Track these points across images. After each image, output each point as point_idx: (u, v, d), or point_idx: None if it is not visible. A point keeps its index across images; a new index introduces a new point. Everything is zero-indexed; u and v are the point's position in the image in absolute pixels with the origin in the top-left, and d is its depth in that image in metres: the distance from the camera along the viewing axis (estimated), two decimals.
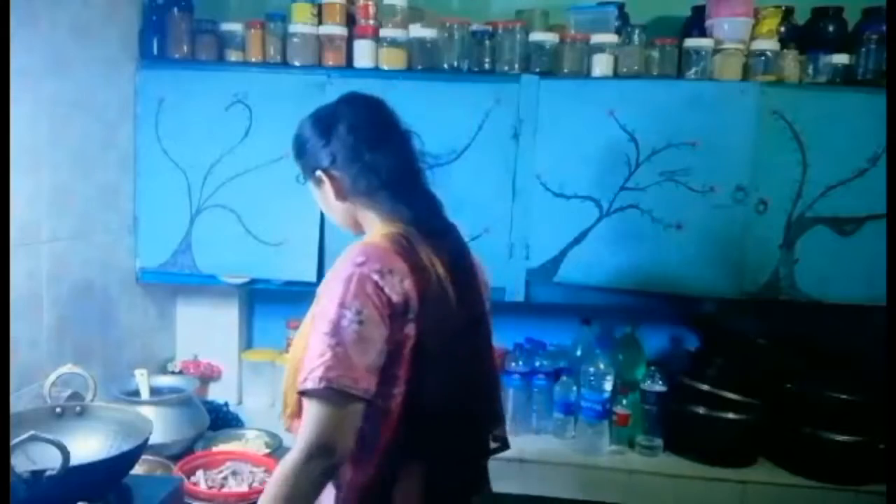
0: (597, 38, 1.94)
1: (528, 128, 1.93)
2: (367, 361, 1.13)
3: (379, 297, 1.15)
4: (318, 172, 1.30)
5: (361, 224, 1.32)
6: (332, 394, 1.10)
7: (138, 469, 1.37)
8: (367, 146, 1.29)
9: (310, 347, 1.14)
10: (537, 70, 1.94)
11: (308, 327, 1.22)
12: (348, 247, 1.20)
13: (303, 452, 1.12)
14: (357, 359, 1.12)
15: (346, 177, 1.28)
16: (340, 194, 1.30)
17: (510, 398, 2.10)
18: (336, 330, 1.12)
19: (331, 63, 1.98)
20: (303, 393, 1.12)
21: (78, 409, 1.39)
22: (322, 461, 1.12)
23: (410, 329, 1.18)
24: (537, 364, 2.12)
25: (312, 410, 1.12)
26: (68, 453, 1.10)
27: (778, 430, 1.96)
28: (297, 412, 1.20)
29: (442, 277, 1.22)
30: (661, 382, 2.01)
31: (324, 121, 1.32)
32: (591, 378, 2.00)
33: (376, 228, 1.28)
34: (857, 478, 1.87)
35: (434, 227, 1.28)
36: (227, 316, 2.28)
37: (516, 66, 1.95)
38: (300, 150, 1.34)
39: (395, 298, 1.16)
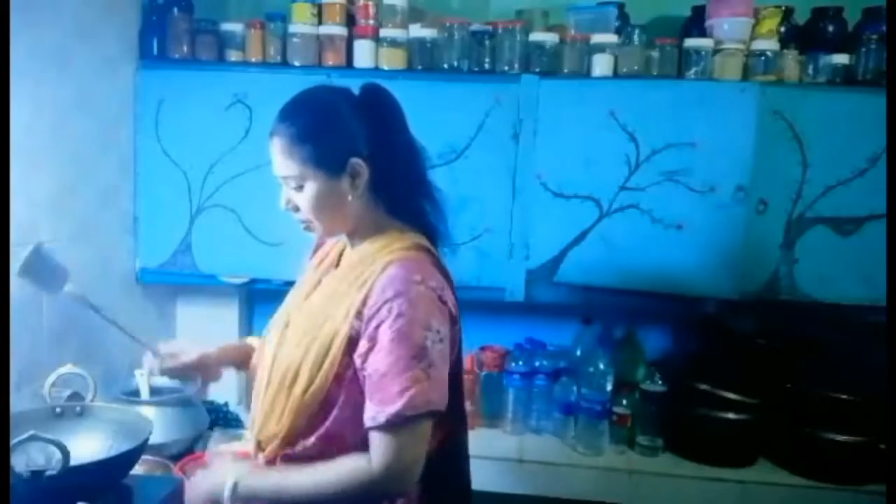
0: (597, 38, 1.94)
1: (528, 128, 1.93)
2: (446, 375, 1.14)
3: (444, 311, 1.14)
4: (355, 160, 1.17)
5: (365, 228, 1.23)
6: (429, 416, 1.10)
7: (138, 469, 1.37)
8: (403, 138, 1.21)
9: (387, 371, 1.09)
10: (537, 70, 1.94)
11: (305, 330, 1.19)
12: (391, 266, 1.14)
13: (386, 471, 1.09)
14: (444, 376, 1.13)
15: (378, 170, 1.19)
16: (365, 191, 1.19)
17: (510, 398, 2.10)
18: (423, 353, 1.09)
19: (331, 63, 1.98)
20: (396, 421, 1.08)
21: (78, 409, 1.39)
22: (405, 483, 1.12)
23: (459, 338, 1.20)
24: (537, 364, 2.12)
25: (402, 437, 1.09)
26: (68, 453, 1.10)
27: (778, 430, 1.96)
28: (297, 430, 1.17)
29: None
30: (660, 382, 2.01)
31: (355, 101, 1.20)
32: (591, 378, 2.00)
33: (394, 236, 1.21)
34: (857, 478, 1.87)
35: (437, 235, 1.26)
36: (227, 316, 2.28)
37: (516, 66, 1.95)
38: (321, 130, 1.17)
39: (454, 311, 1.17)
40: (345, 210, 1.20)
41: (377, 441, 1.10)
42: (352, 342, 1.14)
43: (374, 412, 1.09)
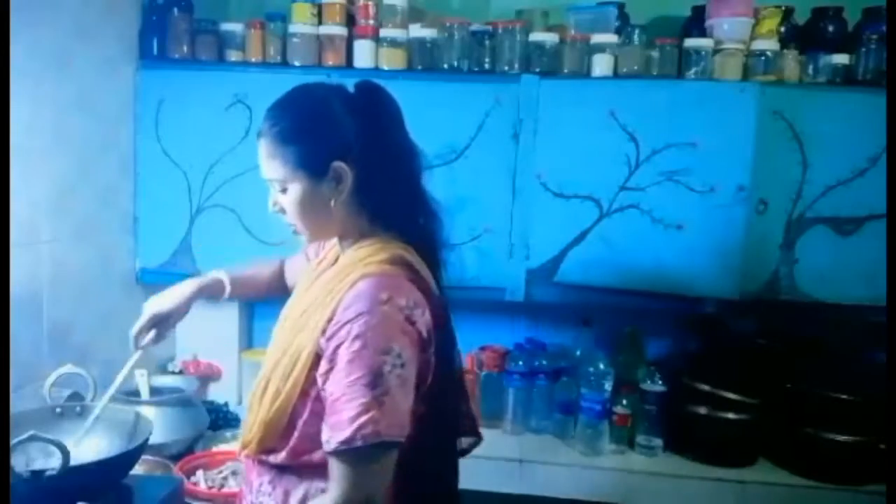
0: (597, 38, 1.94)
1: (528, 128, 1.93)
2: (409, 404, 1.07)
3: (411, 334, 1.07)
4: (338, 164, 1.11)
5: (351, 235, 1.17)
6: (382, 446, 1.03)
7: (138, 469, 1.37)
8: (396, 141, 1.15)
9: (341, 396, 1.03)
10: (537, 70, 1.94)
11: (286, 338, 1.15)
12: (360, 282, 1.08)
13: (343, 499, 1.04)
14: (402, 405, 1.05)
15: (364, 175, 1.12)
16: (349, 196, 1.13)
17: (510, 398, 2.10)
18: (378, 379, 1.02)
19: (331, 63, 1.98)
20: (346, 449, 1.02)
21: (78, 409, 1.39)
22: None
23: (432, 361, 1.12)
24: (537, 364, 2.12)
25: (356, 466, 1.03)
26: (68, 453, 1.10)
27: (778, 430, 1.96)
28: (268, 442, 1.13)
29: (440, 296, 1.17)
30: (661, 382, 2.01)
31: (348, 99, 1.14)
32: (591, 378, 2.00)
33: (377, 246, 1.14)
34: (857, 478, 1.87)
35: (431, 243, 1.20)
36: (227, 316, 2.28)
37: (516, 66, 1.95)
38: (304, 131, 1.12)
39: (424, 333, 1.09)
40: (328, 215, 1.14)
41: (333, 467, 1.05)
42: (317, 359, 1.09)
43: (328, 436, 1.04)
